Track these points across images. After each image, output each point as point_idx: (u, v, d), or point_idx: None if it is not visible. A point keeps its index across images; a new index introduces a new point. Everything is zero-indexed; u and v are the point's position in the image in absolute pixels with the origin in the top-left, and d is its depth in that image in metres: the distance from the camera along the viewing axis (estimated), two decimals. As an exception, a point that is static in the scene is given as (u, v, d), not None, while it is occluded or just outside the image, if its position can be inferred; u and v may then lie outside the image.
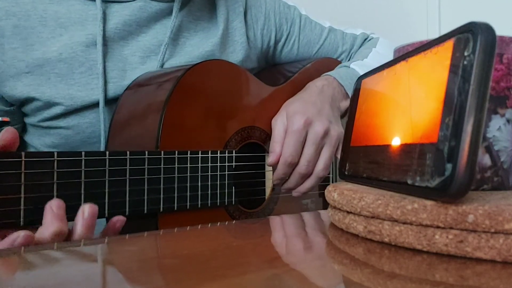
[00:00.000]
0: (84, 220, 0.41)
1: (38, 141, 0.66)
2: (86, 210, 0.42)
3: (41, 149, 0.66)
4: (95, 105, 0.62)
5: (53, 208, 0.41)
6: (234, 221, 0.58)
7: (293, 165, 0.65)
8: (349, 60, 0.88)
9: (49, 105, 0.61)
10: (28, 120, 0.65)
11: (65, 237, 0.41)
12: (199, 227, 0.39)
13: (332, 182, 0.79)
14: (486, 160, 0.30)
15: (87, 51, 0.62)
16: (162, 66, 0.66)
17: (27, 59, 0.60)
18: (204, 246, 0.30)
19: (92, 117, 0.63)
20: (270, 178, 0.70)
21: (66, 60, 0.61)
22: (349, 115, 0.37)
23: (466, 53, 0.23)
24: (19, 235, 0.38)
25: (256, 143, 0.68)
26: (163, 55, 0.66)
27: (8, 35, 0.60)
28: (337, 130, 0.68)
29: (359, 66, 0.77)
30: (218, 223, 0.40)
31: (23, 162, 0.42)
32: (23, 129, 0.67)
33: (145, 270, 0.24)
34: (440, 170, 0.22)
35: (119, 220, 0.45)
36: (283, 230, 0.38)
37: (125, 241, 0.33)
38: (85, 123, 0.63)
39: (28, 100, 0.61)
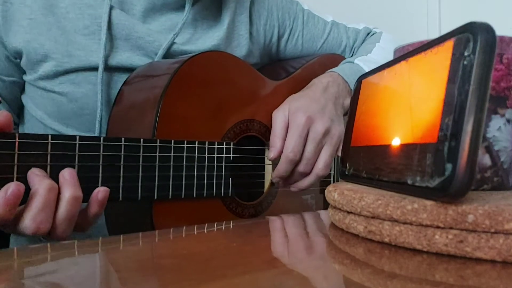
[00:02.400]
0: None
1: (32, 103, 0.66)
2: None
3: (34, 111, 0.66)
4: (92, 71, 0.62)
5: (36, 172, 0.43)
6: (233, 222, 0.58)
7: (294, 162, 0.64)
8: (352, 54, 0.88)
9: (45, 58, 0.61)
10: (26, 77, 0.65)
11: (57, 195, 0.42)
12: (198, 227, 0.39)
13: (334, 182, 0.79)
14: (486, 160, 0.30)
15: (94, 15, 0.62)
16: (166, 52, 0.66)
17: (33, 6, 0.61)
18: (203, 246, 0.30)
19: (88, 88, 0.62)
20: (269, 172, 0.70)
21: (72, 20, 0.62)
22: (349, 115, 0.37)
23: (466, 53, 0.23)
24: (10, 185, 0.39)
25: (255, 136, 0.68)
26: (171, 43, 0.65)
27: None
28: (339, 129, 0.67)
29: (364, 62, 0.77)
30: (218, 224, 0.40)
31: (16, 143, 0.42)
32: (22, 88, 0.68)
33: (144, 270, 0.24)
34: (440, 170, 0.22)
35: (100, 190, 0.46)
36: (283, 230, 0.38)
37: (124, 241, 0.33)
38: (80, 93, 0.63)
39: (26, 50, 0.61)
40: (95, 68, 0.62)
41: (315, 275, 0.23)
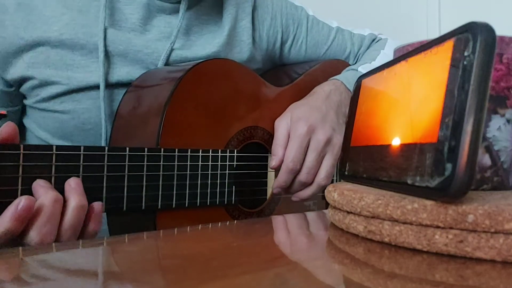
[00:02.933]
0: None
1: (34, 124, 0.66)
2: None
3: (37, 132, 0.66)
4: (93, 88, 0.62)
5: (41, 183, 0.43)
6: (234, 221, 0.58)
7: (294, 172, 0.64)
8: (356, 61, 0.88)
9: (46, 84, 0.61)
10: (26, 101, 0.65)
11: (62, 206, 0.43)
12: (199, 227, 0.39)
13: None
14: (486, 160, 0.30)
15: (89, 34, 0.62)
16: (167, 61, 0.66)
17: (27, 37, 0.60)
18: (204, 246, 0.30)
19: (89, 103, 0.63)
20: (272, 179, 0.70)
21: (67, 41, 0.61)
22: (349, 115, 0.37)
23: (466, 53, 0.23)
24: (21, 199, 0.39)
25: (258, 143, 0.68)
26: (170, 50, 0.65)
27: (11, 12, 0.60)
28: (340, 138, 0.67)
29: (367, 69, 0.76)
30: (219, 224, 0.40)
31: (21, 154, 0.43)
32: (22, 113, 0.68)
33: (146, 270, 0.24)
34: (440, 170, 0.22)
35: (93, 204, 0.46)
36: (283, 230, 0.38)
37: (126, 242, 0.33)
38: (81, 109, 0.63)
39: (26, 78, 0.61)
40: (95, 86, 0.62)
41: (315, 275, 0.23)
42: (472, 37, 0.23)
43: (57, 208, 0.42)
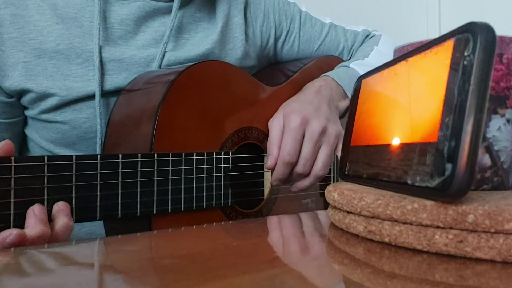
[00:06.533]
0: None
1: (37, 135, 0.66)
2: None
3: (40, 142, 0.66)
4: (92, 97, 0.62)
5: (36, 211, 0.42)
6: (233, 222, 0.58)
7: (291, 164, 0.64)
8: (350, 57, 0.88)
9: (45, 96, 0.61)
10: (27, 112, 0.65)
11: (47, 240, 0.42)
12: (198, 227, 0.39)
13: (333, 182, 0.79)
14: (486, 160, 0.30)
15: (84, 42, 0.62)
16: (161, 62, 0.66)
17: (25, 49, 0.60)
18: (203, 246, 0.30)
19: (89, 112, 0.63)
20: (268, 178, 0.70)
21: (63, 51, 0.61)
22: (349, 115, 0.37)
23: (466, 53, 0.23)
24: (11, 233, 0.39)
25: (254, 143, 0.67)
26: (163, 53, 0.65)
27: (7, 25, 0.60)
28: (335, 128, 0.67)
29: (359, 66, 0.76)
30: (219, 223, 0.40)
31: (12, 167, 0.42)
32: (24, 122, 0.68)
33: (144, 270, 0.24)
34: (440, 170, 0.22)
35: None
36: (282, 230, 0.38)
37: (124, 241, 0.33)
38: (82, 118, 0.63)
39: (25, 91, 0.61)
40: (94, 95, 0.62)
41: (315, 275, 0.23)
42: (472, 37, 0.23)
43: (40, 242, 0.41)
